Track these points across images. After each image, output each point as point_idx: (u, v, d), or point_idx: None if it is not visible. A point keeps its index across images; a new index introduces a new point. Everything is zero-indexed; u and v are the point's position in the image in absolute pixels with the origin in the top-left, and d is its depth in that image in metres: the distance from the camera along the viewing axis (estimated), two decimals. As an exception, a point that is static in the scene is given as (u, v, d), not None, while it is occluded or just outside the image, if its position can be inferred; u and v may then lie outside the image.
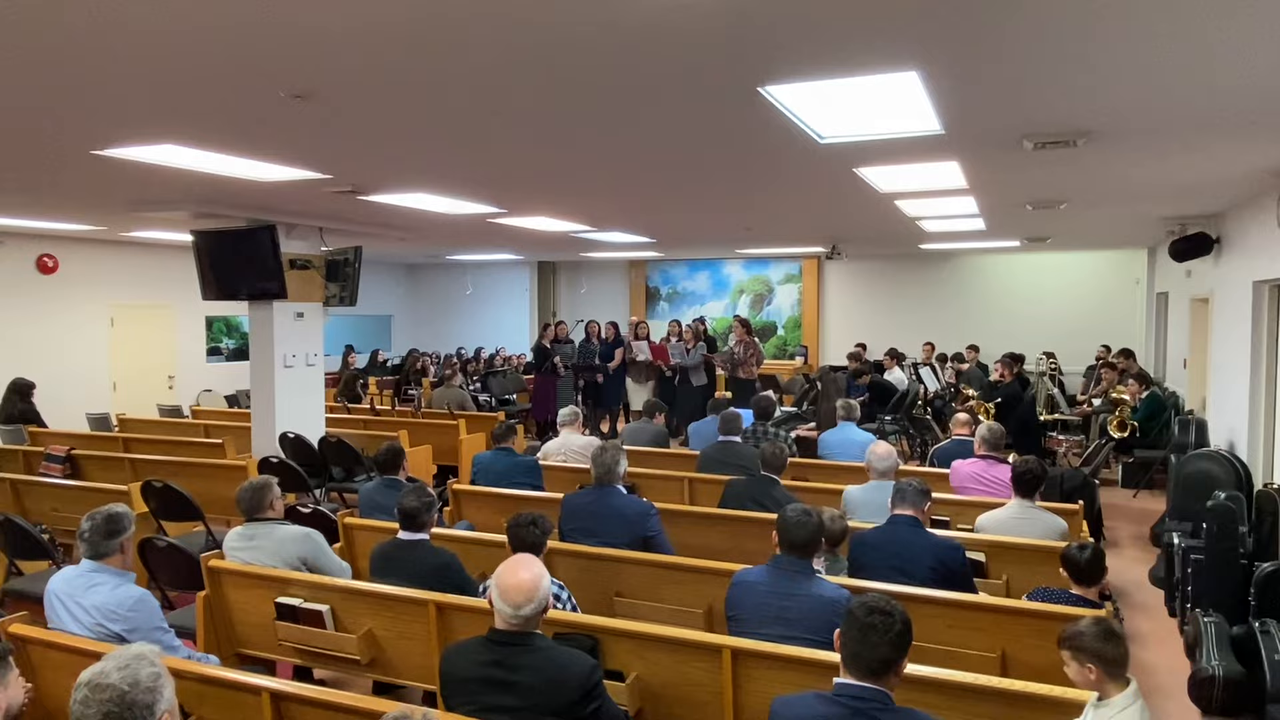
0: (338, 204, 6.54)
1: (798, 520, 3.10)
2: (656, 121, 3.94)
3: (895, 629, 2.12)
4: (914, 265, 13.27)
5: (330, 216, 7.36)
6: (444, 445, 7.88)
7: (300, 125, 3.99)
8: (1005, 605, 3.32)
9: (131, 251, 10.99)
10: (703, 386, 10.27)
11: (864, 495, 4.54)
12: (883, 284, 13.58)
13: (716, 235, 10.03)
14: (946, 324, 12.91)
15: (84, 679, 1.92)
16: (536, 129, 4.09)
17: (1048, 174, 5.40)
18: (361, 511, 4.79)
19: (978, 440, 5.20)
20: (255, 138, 4.26)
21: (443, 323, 16.10)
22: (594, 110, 3.73)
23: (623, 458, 4.25)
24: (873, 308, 13.62)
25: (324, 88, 3.39)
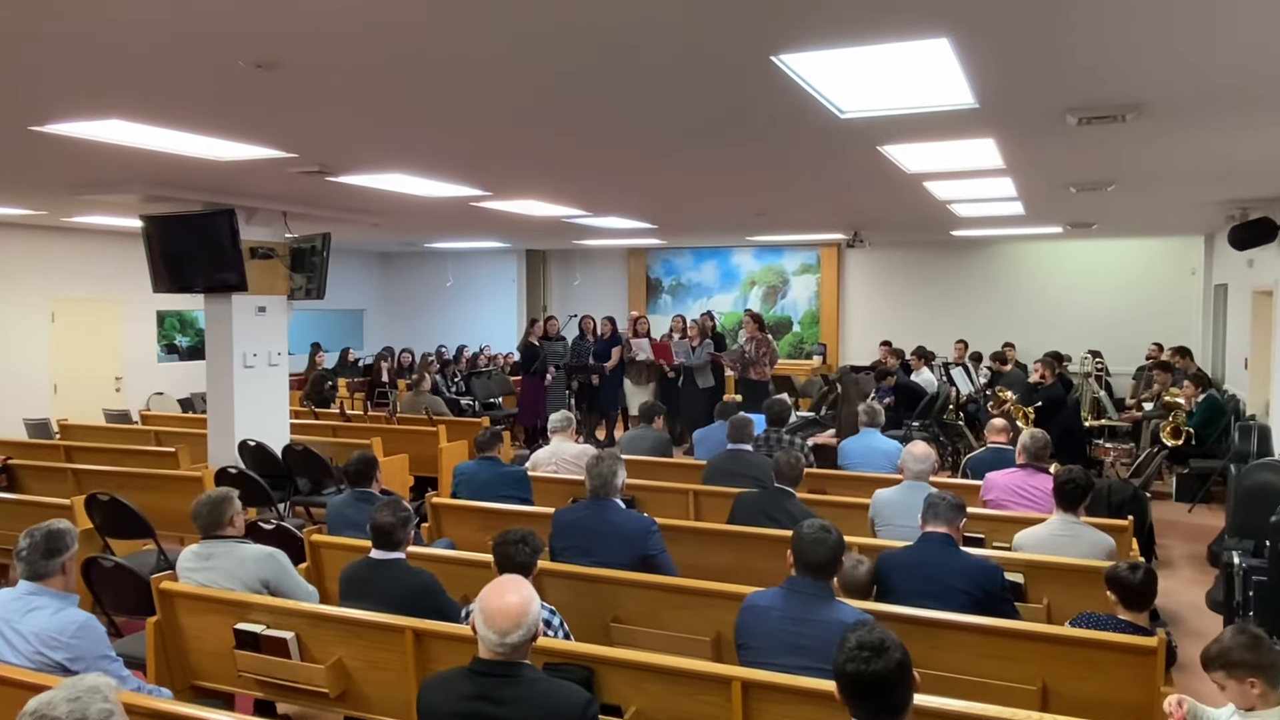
0: (304, 186, 6.53)
1: (815, 537, 3.10)
2: (659, 95, 3.94)
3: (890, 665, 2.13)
4: (945, 254, 13.27)
5: (296, 200, 7.35)
6: (422, 454, 7.88)
7: (263, 98, 3.99)
8: (1047, 632, 3.32)
9: (74, 239, 10.98)
10: (709, 389, 10.27)
11: (896, 496, 4.57)
12: (910, 275, 13.58)
13: (725, 221, 10.03)
14: (981, 319, 12.92)
15: (30, 708, 1.92)
16: (526, 103, 4.09)
17: (1093, 152, 5.40)
18: (330, 528, 4.79)
19: (1019, 448, 5.21)
20: (212, 112, 4.25)
21: (421, 318, 16.10)
22: (590, 82, 3.73)
23: (620, 468, 4.25)
24: (899, 301, 13.62)
25: (289, 57, 3.39)
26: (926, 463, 4.54)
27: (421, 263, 16.08)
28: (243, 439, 7.13)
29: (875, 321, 13.67)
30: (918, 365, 10.40)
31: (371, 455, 4.82)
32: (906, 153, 5.41)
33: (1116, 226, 10.74)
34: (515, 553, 3.36)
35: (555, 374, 10.60)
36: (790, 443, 6.24)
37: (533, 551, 3.39)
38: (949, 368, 10.26)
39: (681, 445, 10.49)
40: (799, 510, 4.56)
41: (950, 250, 13.21)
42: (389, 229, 10.69)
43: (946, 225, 10.35)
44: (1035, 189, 7.08)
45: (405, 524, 3.69)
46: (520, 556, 3.36)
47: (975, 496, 5.21)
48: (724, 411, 6.83)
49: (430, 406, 9.04)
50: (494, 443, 5.61)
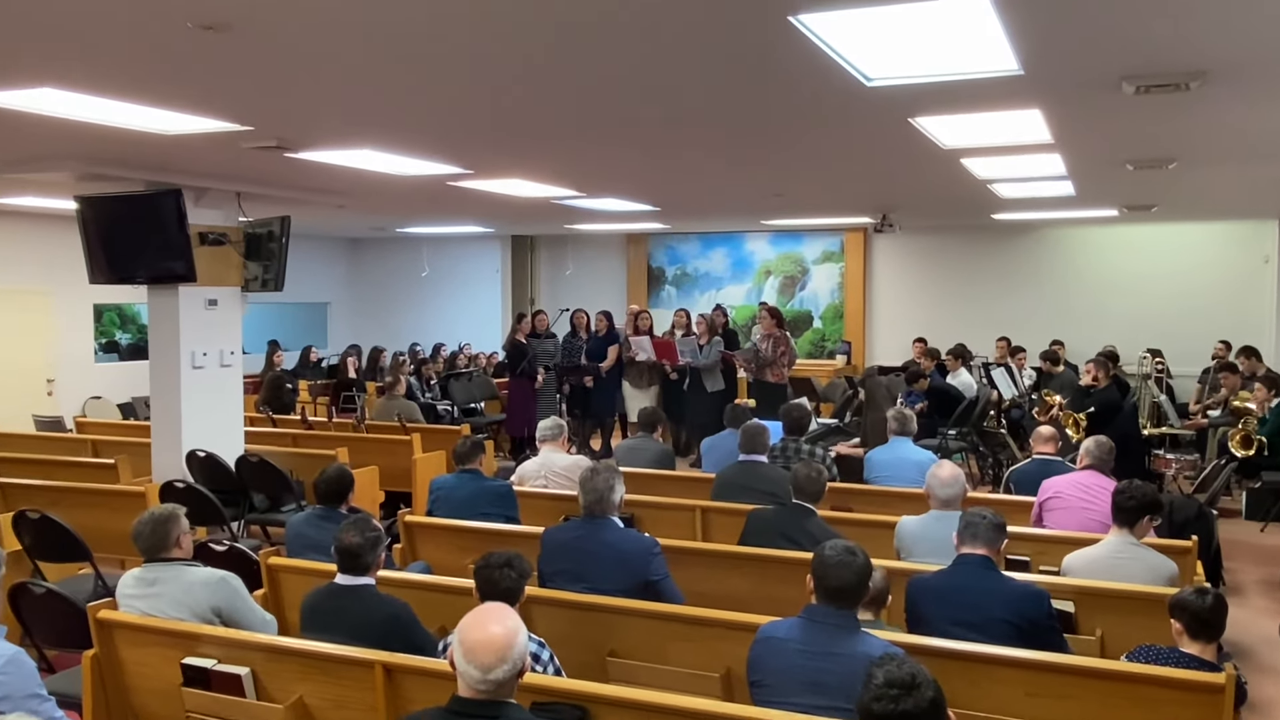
0: (260, 163, 6.54)
1: (839, 560, 3.10)
2: (663, 60, 3.94)
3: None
4: (985, 240, 13.28)
5: (251, 179, 7.35)
6: (394, 466, 7.89)
7: (212, 63, 3.99)
8: (1100, 667, 3.32)
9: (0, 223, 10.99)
10: (719, 393, 10.28)
11: (922, 528, 4.54)
12: (946, 264, 13.58)
13: (737, 203, 10.03)
14: (1026, 314, 12.93)
15: None
16: (512, 70, 4.09)
17: (1153, 125, 5.40)
18: (290, 550, 4.78)
19: (1081, 452, 5.25)
20: (155, 79, 4.26)
21: (392, 312, 16.11)
22: (584, 46, 3.73)
23: (619, 482, 4.25)
24: (933, 294, 13.63)
25: (242, 16, 3.39)
26: (955, 487, 4.51)
27: (393, 250, 16.09)
28: (191, 449, 7.13)
29: (906, 316, 13.67)
30: (954, 366, 10.39)
31: (346, 472, 4.82)
32: (942, 126, 5.41)
33: (1179, 209, 10.73)
34: (499, 578, 3.36)
35: (545, 376, 10.60)
36: (810, 453, 6.24)
37: (519, 576, 3.39)
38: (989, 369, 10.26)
39: (687, 456, 10.48)
40: (820, 530, 4.56)
41: (991, 236, 13.22)
42: (356, 212, 10.70)
43: (987, 208, 10.35)
44: (1087, 167, 7.08)
45: (375, 545, 3.69)
46: (505, 582, 3.36)
47: (1019, 515, 5.21)
48: (735, 418, 6.83)
49: (403, 412, 9.04)
50: (475, 453, 5.62)
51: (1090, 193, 8.72)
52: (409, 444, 8.07)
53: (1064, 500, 5.09)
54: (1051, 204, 9.90)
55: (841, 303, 14.14)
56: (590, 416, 11.02)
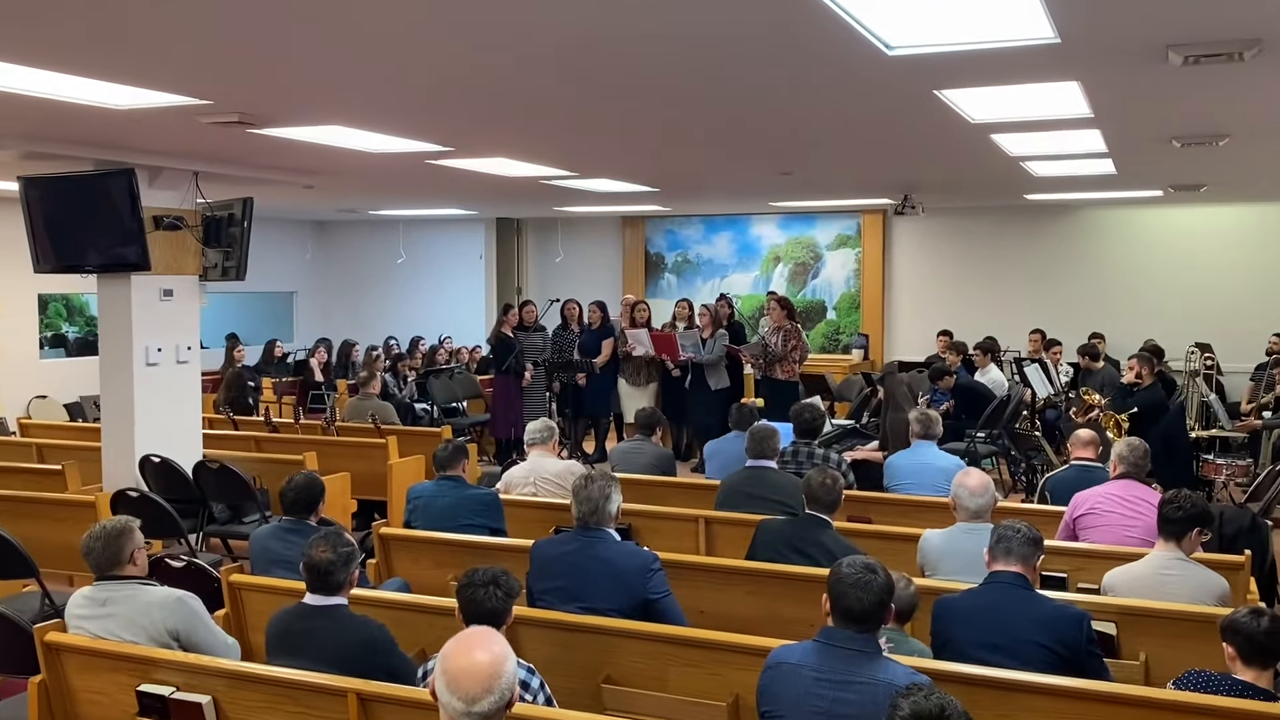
0: (220, 140, 6.52)
1: (857, 579, 3.10)
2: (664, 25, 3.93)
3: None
4: (1017, 223, 13.28)
5: (210, 157, 7.33)
6: (367, 472, 7.88)
7: (167, 28, 3.97)
8: (1145, 696, 3.32)
9: (-66, 205, 10.96)
10: (723, 391, 10.28)
11: (948, 543, 4.54)
12: (974, 249, 13.58)
13: (744, 183, 10.02)
14: (1062, 305, 12.93)
15: None
16: (497, 35, 4.08)
17: (1202, 98, 5.40)
18: (254, 566, 4.78)
19: (1113, 458, 5.22)
20: (104, 47, 4.24)
21: (365, 303, 16.09)
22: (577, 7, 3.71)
23: (615, 490, 4.25)
24: (959, 282, 13.63)
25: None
26: (985, 496, 4.50)
27: (366, 235, 16.06)
28: (145, 454, 7.12)
29: (930, 307, 13.67)
30: (983, 361, 10.40)
31: (316, 479, 4.82)
32: (970, 98, 5.40)
33: (1231, 190, 10.73)
34: (484, 597, 3.35)
35: (533, 373, 10.60)
36: (824, 458, 6.24)
37: (506, 595, 3.39)
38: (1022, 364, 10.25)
39: (689, 461, 10.49)
40: (836, 543, 4.56)
41: (1024, 218, 13.21)
42: (326, 193, 10.67)
43: (1019, 187, 10.34)
44: (1129, 144, 7.07)
45: (348, 561, 3.68)
46: (490, 602, 3.35)
47: (1056, 527, 5.21)
48: (742, 419, 6.83)
49: (378, 413, 9.03)
50: (457, 458, 5.61)
51: (1133, 171, 8.71)
52: (384, 448, 8.06)
53: (1100, 517, 5.06)
54: (1090, 184, 9.88)
55: (858, 292, 14.13)
56: (583, 417, 11.01)
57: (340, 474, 7.52)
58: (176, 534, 6.38)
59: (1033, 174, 8.86)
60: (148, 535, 4.15)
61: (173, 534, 6.38)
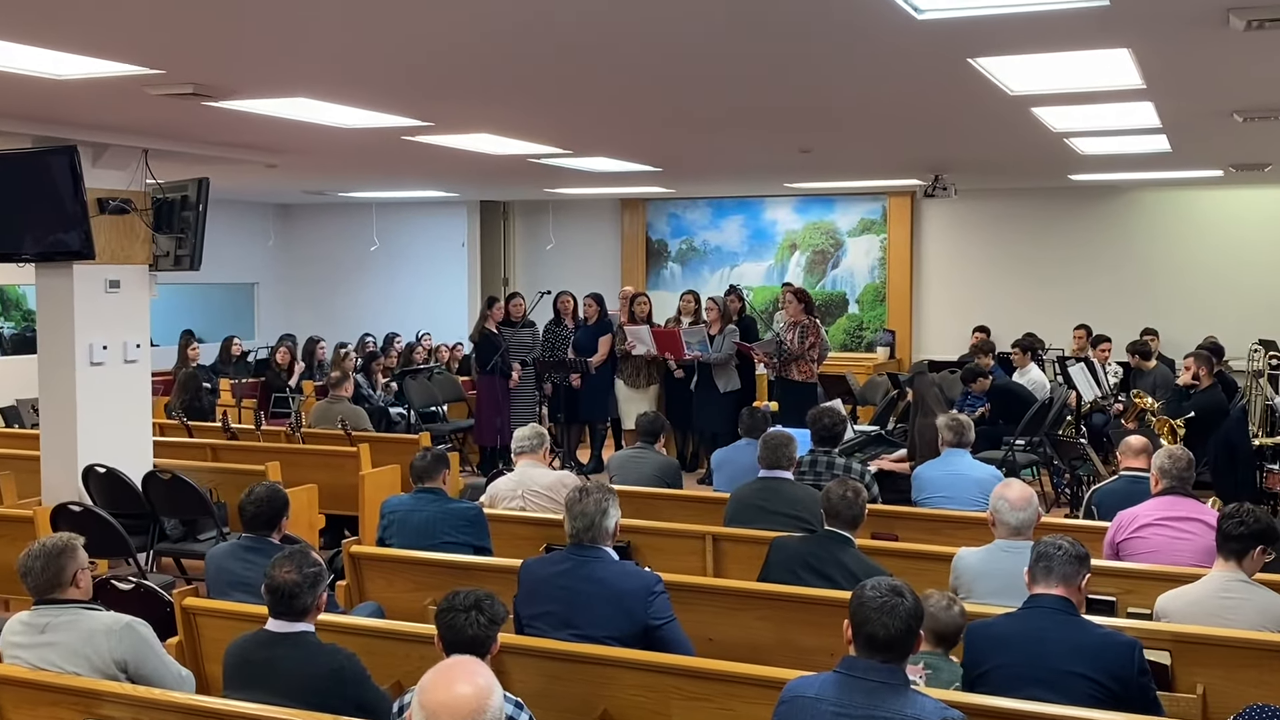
0: (173, 114, 6.52)
1: (883, 603, 3.09)
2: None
3: None
4: (1061, 207, 13.27)
5: (161, 133, 7.33)
6: (336, 484, 7.89)
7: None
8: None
9: None
10: (733, 394, 10.28)
11: (985, 563, 4.54)
12: (1012, 235, 13.57)
13: (757, 161, 10.02)
14: (1111, 298, 12.92)
15: None
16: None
17: (1268, 67, 5.39)
18: (210, 588, 4.77)
19: (1154, 472, 5.20)
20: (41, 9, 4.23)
21: (335, 295, 16.08)
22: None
23: (614, 505, 4.25)
24: (996, 272, 13.63)
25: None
26: (1026, 510, 4.49)
27: (335, 219, 16.05)
28: (89, 464, 7.12)
29: (963, 300, 13.67)
30: (1022, 361, 10.39)
31: (279, 492, 4.81)
32: (1008, 67, 5.40)
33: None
34: (466, 623, 3.35)
35: (521, 373, 10.59)
36: (846, 468, 6.24)
37: (490, 621, 3.39)
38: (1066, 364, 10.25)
39: (695, 472, 10.48)
40: (859, 563, 4.56)
41: (1068, 201, 13.21)
42: (291, 173, 10.67)
43: (1063, 166, 10.33)
44: (1186, 118, 7.07)
45: (315, 583, 3.68)
46: (473, 629, 3.35)
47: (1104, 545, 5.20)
48: (754, 425, 6.82)
49: (348, 418, 9.03)
50: (437, 468, 5.60)
51: (1189, 149, 8.70)
52: (355, 457, 8.06)
53: (1145, 542, 5.02)
54: (1142, 163, 9.88)
55: (883, 283, 14.13)
56: (577, 423, 11.00)
57: (306, 486, 7.52)
58: (124, 553, 6.37)
59: (1078, 152, 8.85)
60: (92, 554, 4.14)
61: (120, 553, 6.37)
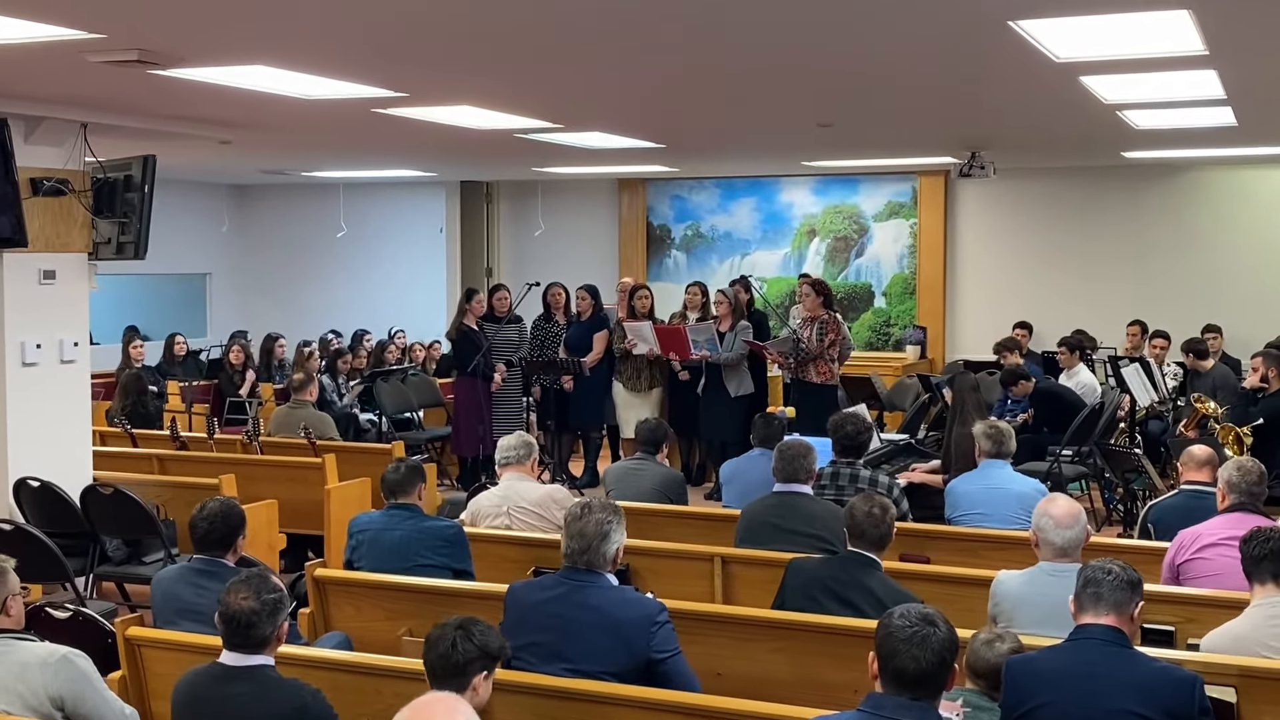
0: (115, 83, 6.51)
1: (913, 633, 3.10)
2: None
3: None
4: (1113, 188, 13.26)
5: (102, 105, 7.32)
6: (299, 499, 7.88)
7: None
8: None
9: None
10: (745, 398, 10.27)
11: (1027, 588, 4.54)
12: (1058, 220, 13.56)
13: (772, 136, 10.03)
14: (1168, 290, 12.91)
15: None
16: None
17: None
18: (157, 616, 4.78)
19: (1221, 485, 5.20)
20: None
21: (296, 288, 16.08)
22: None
23: (618, 526, 4.24)
24: (1040, 261, 13.62)
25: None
26: (1073, 529, 4.48)
27: (297, 203, 16.05)
28: (20, 477, 7.11)
29: (1004, 292, 13.66)
30: (1070, 361, 10.39)
31: (236, 509, 4.81)
32: (1054, 31, 5.39)
33: (1378, 146, 10.72)
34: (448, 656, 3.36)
35: (506, 375, 10.59)
36: (871, 481, 6.23)
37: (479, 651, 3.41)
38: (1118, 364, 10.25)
39: (702, 486, 10.47)
40: (886, 589, 4.55)
41: (1121, 182, 13.20)
42: (247, 150, 10.66)
43: (1115, 143, 10.33)
44: (1253, 88, 7.08)
45: (274, 611, 3.68)
46: (454, 659, 3.36)
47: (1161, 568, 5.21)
48: (768, 434, 6.82)
49: (312, 425, 9.03)
50: (411, 482, 5.60)
51: (1257, 123, 8.70)
52: (320, 469, 8.06)
53: (1209, 563, 5.00)
54: (1204, 138, 9.87)
55: (913, 273, 14.13)
56: (569, 431, 10.98)
57: (265, 501, 7.51)
58: (60, 577, 6.37)
59: (1133, 126, 8.85)
60: (24, 578, 4.14)
61: (56, 577, 6.37)
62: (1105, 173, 13.15)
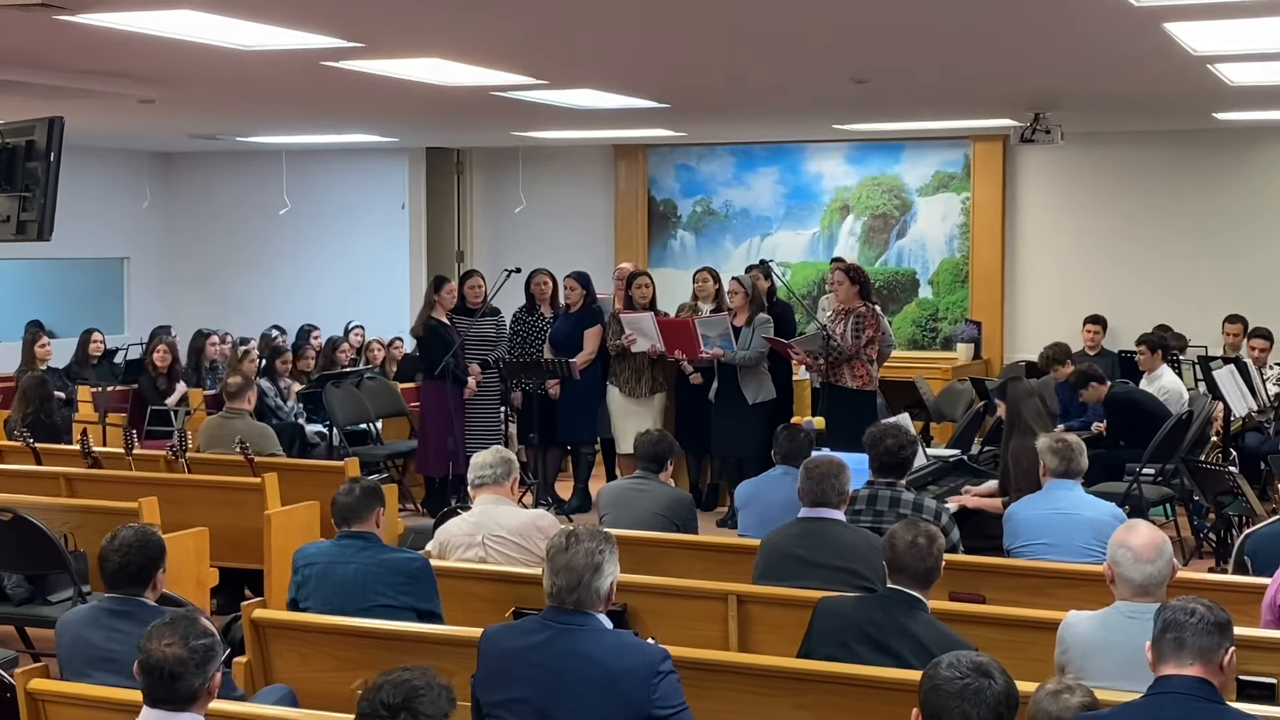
0: (15, 31, 6.54)
1: (964, 685, 3.11)
2: None
3: None
4: (1202, 157, 13.26)
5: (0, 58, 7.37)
6: (234, 527, 7.89)
7: None
8: None
9: None
10: (765, 406, 10.28)
11: (1101, 632, 4.54)
12: (1137, 195, 13.56)
13: (797, 95, 10.05)
14: (1270, 278, 12.92)
15: None
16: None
17: None
18: (64, 665, 4.77)
19: None
20: None
21: (232, 276, 16.07)
22: None
23: (611, 557, 4.23)
24: (1116, 243, 13.61)
25: None
26: (1156, 563, 4.46)
27: (233, 174, 16.06)
28: (-97, 500, 7.13)
29: (1072, 281, 13.67)
30: (1151, 362, 10.39)
31: (157, 538, 4.80)
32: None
33: None
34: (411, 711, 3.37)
35: (481, 378, 10.59)
36: (916, 506, 6.23)
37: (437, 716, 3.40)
38: (1209, 366, 10.25)
39: (714, 510, 10.47)
40: (932, 633, 4.55)
41: (1213, 149, 13.20)
42: (173, 110, 10.66)
43: (1205, 102, 10.34)
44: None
45: (205, 660, 3.68)
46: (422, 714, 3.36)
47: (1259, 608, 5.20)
48: (793, 449, 6.82)
49: (249, 438, 9.03)
50: (368, 506, 5.59)
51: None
52: (259, 491, 8.06)
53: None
54: (1311, 97, 9.90)
55: (965, 258, 14.13)
56: (556, 445, 10.98)
57: (194, 529, 7.52)
58: (-51, 619, 6.39)
59: (1226, 82, 8.86)
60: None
61: (-56, 619, 6.38)
62: (1193, 138, 13.14)
